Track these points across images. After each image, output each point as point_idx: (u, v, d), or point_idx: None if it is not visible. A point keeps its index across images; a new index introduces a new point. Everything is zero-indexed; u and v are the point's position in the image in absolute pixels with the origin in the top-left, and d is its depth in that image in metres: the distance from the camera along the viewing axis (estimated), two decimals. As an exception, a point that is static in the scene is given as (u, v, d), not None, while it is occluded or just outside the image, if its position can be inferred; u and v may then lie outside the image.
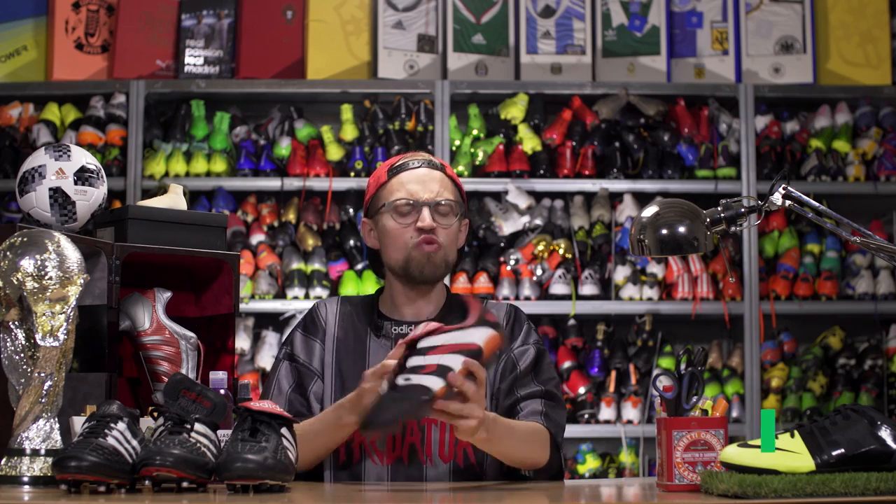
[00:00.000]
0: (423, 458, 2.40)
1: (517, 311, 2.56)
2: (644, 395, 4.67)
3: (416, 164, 2.50)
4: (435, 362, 2.04)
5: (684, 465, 2.04)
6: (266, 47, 4.86)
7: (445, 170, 2.52)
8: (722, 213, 2.26)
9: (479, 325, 2.09)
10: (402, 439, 2.40)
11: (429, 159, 2.52)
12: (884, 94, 4.87)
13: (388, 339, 2.48)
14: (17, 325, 2.07)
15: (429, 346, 2.07)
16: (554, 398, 2.46)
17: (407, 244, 2.45)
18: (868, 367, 4.73)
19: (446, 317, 2.48)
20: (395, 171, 2.50)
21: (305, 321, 2.56)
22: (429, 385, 2.02)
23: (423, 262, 2.45)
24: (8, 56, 4.85)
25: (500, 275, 4.70)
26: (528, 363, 2.47)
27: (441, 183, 2.48)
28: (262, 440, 1.95)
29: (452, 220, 2.47)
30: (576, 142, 4.81)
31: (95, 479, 1.89)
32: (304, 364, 2.49)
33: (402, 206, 2.46)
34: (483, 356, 2.08)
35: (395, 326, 2.50)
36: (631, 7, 4.95)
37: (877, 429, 1.92)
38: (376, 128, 4.79)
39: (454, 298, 2.57)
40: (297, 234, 4.76)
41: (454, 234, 2.49)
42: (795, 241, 4.79)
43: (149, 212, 2.53)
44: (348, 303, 2.58)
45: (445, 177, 2.50)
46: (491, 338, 2.09)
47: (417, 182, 2.47)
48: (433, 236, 2.44)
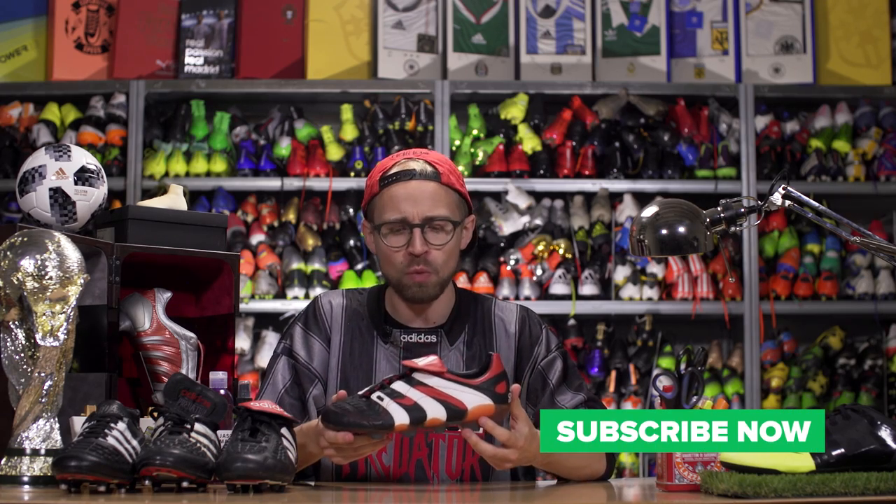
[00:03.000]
0: (429, 474, 2.36)
1: (529, 313, 2.49)
2: (644, 395, 4.67)
3: (408, 177, 2.37)
4: (414, 399, 2.00)
5: (684, 465, 2.04)
6: (266, 47, 4.86)
7: (440, 177, 2.38)
8: (722, 213, 2.26)
9: (483, 391, 2.03)
10: (410, 455, 2.36)
11: (422, 168, 2.38)
12: (884, 94, 4.87)
13: (397, 348, 2.41)
14: (17, 325, 2.07)
15: (421, 380, 2.02)
16: (595, 403, 2.43)
17: (399, 268, 2.37)
18: (868, 367, 4.73)
19: (455, 325, 2.45)
20: (387, 183, 2.38)
21: (307, 315, 2.46)
22: (394, 417, 1.99)
23: (415, 289, 2.37)
24: (8, 56, 4.85)
25: (500, 275, 4.70)
26: (559, 373, 2.42)
27: (433, 196, 2.37)
28: (262, 440, 1.95)
29: (446, 237, 2.37)
30: (576, 142, 4.81)
31: (95, 479, 1.89)
32: (305, 364, 2.41)
33: (393, 227, 2.36)
34: (465, 419, 2.02)
35: (404, 335, 2.42)
36: (631, 7, 4.95)
37: (877, 429, 1.92)
38: (376, 128, 4.79)
39: (464, 300, 2.49)
40: (297, 234, 4.76)
41: (450, 250, 2.38)
42: (795, 241, 4.79)
43: (149, 212, 2.53)
44: (354, 298, 2.48)
45: (440, 185, 2.37)
46: (483, 407, 2.03)
47: (408, 199, 2.35)
48: (424, 267, 2.35)
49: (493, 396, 2.03)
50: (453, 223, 2.39)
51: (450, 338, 2.43)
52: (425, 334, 2.42)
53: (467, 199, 2.45)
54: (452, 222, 2.38)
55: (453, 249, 2.40)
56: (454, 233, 2.39)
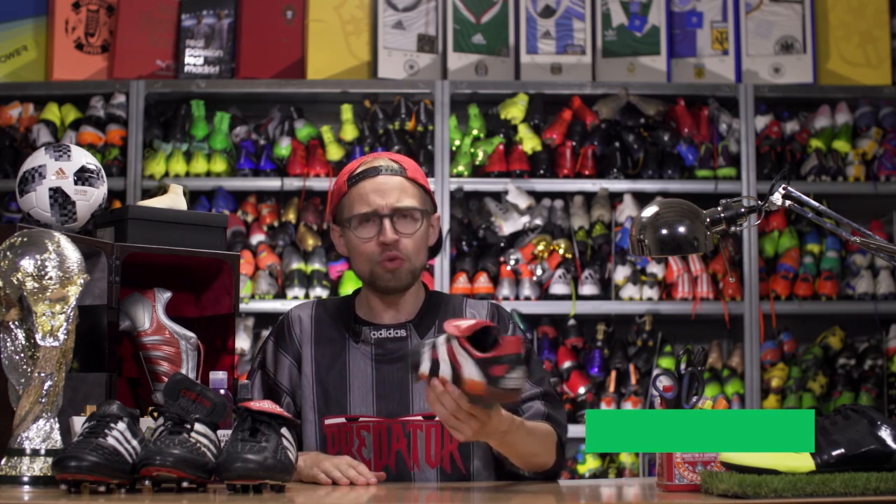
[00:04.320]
0: (410, 464, 2.41)
1: (499, 308, 2.57)
2: (644, 395, 4.67)
3: (374, 173, 2.47)
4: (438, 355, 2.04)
5: (684, 465, 2.04)
6: (266, 47, 4.86)
7: (406, 171, 2.49)
8: (722, 213, 2.26)
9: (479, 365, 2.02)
10: (389, 447, 2.41)
11: (387, 164, 2.49)
12: (884, 94, 4.87)
13: (368, 345, 2.48)
14: (17, 325, 2.07)
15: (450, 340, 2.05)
16: (553, 397, 2.47)
17: (371, 258, 2.45)
18: (868, 367, 4.73)
19: (424, 319, 2.51)
20: (354, 181, 2.49)
21: (277, 332, 2.57)
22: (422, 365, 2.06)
23: (388, 277, 2.45)
24: (8, 56, 4.85)
25: (500, 275, 4.69)
26: None
27: (400, 189, 2.47)
28: (262, 440, 1.95)
29: (415, 225, 2.46)
30: (576, 142, 4.81)
31: (95, 479, 1.89)
32: (274, 379, 2.52)
33: (363, 219, 2.45)
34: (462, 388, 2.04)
35: (373, 331, 2.50)
36: (631, 7, 4.95)
37: (877, 429, 1.92)
38: (376, 128, 4.79)
39: (433, 298, 2.56)
40: (297, 234, 4.76)
41: (420, 239, 2.47)
42: (795, 241, 4.79)
43: (149, 212, 2.53)
44: (323, 307, 2.57)
45: (405, 180, 2.48)
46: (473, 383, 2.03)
47: (376, 192, 2.46)
48: (396, 253, 2.44)
49: (486, 375, 2.02)
50: (421, 212, 2.47)
51: (419, 331, 2.50)
52: (395, 329, 2.49)
53: (432, 196, 2.55)
54: (420, 211, 2.47)
55: (422, 239, 2.49)
56: (422, 222, 2.48)
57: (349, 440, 2.42)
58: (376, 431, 2.41)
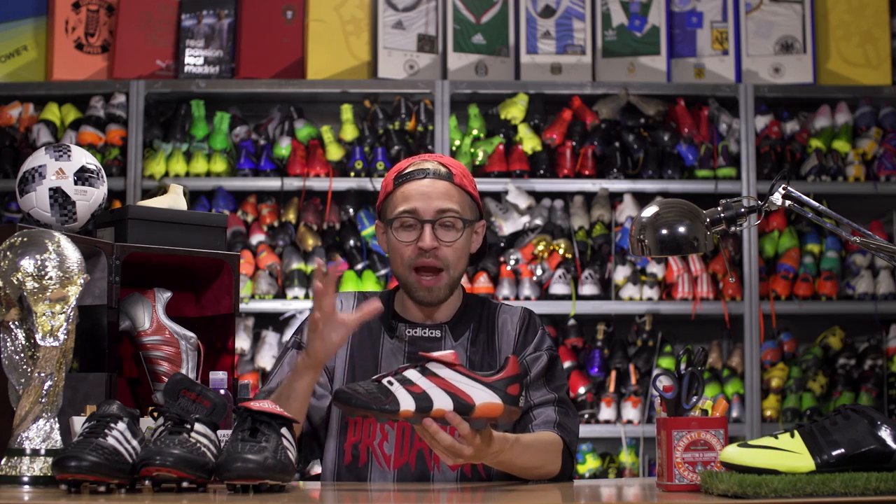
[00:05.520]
0: (430, 464, 2.39)
1: (532, 315, 2.53)
2: (644, 395, 4.67)
3: (421, 175, 2.43)
4: (423, 388, 2.02)
5: (684, 465, 2.04)
6: (266, 47, 4.86)
7: (453, 177, 2.44)
8: (722, 213, 2.26)
9: (494, 389, 2.04)
10: (411, 444, 2.39)
11: (435, 168, 2.45)
12: (884, 94, 4.87)
13: (402, 342, 2.46)
14: (17, 325, 2.07)
15: (433, 371, 2.04)
16: (566, 405, 2.44)
17: (408, 262, 2.41)
18: (868, 367, 4.73)
19: (460, 322, 2.49)
20: (401, 182, 2.44)
21: None
22: (401, 403, 2.01)
23: (424, 293, 2.43)
24: (8, 56, 4.85)
25: (500, 275, 4.70)
26: (539, 369, 2.44)
27: (446, 194, 2.42)
28: (262, 440, 1.95)
29: (456, 234, 2.41)
30: (576, 142, 4.81)
31: (95, 479, 1.89)
32: None
33: (404, 222, 2.42)
34: (471, 414, 2.03)
35: (409, 329, 2.47)
36: (631, 7, 4.95)
37: (877, 429, 1.92)
38: (376, 128, 4.79)
39: (471, 299, 2.54)
40: (297, 234, 4.76)
41: (460, 248, 2.43)
42: (795, 241, 4.79)
43: (149, 212, 2.53)
44: (365, 299, 2.52)
45: (452, 186, 2.43)
46: (491, 406, 2.03)
47: (420, 196, 2.41)
48: (433, 261, 2.40)
49: (503, 396, 2.04)
50: (464, 221, 2.43)
51: (454, 334, 2.47)
52: (430, 329, 2.47)
53: (479, 203, 2.50)
54: (463, 220, 2.43)
55: (463, 248, 2.44)
56: (464, 231, 2.43)
57: (372, 432, 2.40)
58: (400, 428, 2.39)
